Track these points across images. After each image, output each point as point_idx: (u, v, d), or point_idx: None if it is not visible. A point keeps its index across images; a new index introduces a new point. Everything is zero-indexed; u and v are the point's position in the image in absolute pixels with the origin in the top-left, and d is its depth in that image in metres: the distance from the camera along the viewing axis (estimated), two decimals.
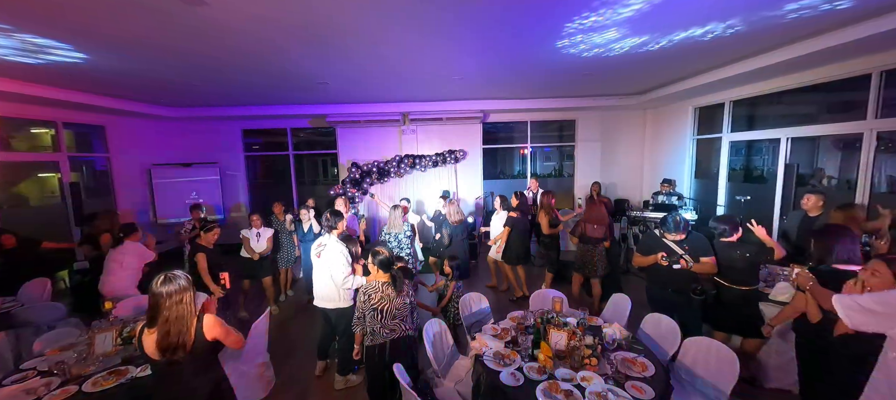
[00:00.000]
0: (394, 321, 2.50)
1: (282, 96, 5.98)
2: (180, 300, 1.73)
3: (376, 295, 2.49)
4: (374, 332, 2.49)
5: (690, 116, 6.51)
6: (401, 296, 2.54)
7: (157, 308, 1.71)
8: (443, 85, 5.42)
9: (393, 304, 2.49)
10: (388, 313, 2.48)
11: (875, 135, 3.90)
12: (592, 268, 4.12)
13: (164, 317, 1.70)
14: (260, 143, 8.19)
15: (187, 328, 1.75)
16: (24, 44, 3.20)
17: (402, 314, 2.54)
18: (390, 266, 2.56)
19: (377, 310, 2.47)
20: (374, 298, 2.48)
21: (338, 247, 3.10)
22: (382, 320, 2.47)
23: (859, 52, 3.74)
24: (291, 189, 7.96)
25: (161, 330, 1.71)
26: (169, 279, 1.75)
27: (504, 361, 2.29)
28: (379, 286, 2.51)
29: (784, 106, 5.18)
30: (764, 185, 5.49)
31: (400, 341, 2.51)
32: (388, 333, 2.48)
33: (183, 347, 1.73)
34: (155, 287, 1.73)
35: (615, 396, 1.92)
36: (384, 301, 2.47)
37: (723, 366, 2.30)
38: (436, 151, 7.22)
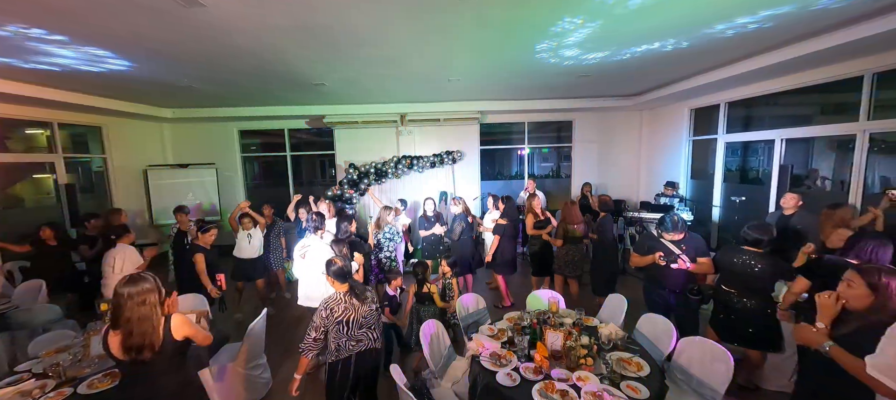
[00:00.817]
0: (361, 330, 2.34)
1: (279, 97, 5.98)
2: (143, 301, 1.70)
3: (339, 307, 2.28)
4: (339, 347, 2.28)
5: (686, 118, 6.55)
6: (366, 303, 2.37)
7: (120, 308, 1.69)
8: (440, 86, 5.44)
9: (358, 313, 2.32)
10: (354, 323, 2.30)
11: (867, 136, 3.95)
12: (575, 268, 4.13)
13: (126, 317, 1.68)
14: (257, 144, 8.19)
15: (153, 329, 1.72)
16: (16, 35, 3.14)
17: (368, 322, 2.37)
18: (347, 276, 2.37)
19: (342, 322, 2.27)
20: (337, 311, 2.27)
21: (323, 248, 3.13)
22: (349, 332, 2.29)
23: (852, 55, 3.79)
24: (289, 190, 7.95)
25: (124, 330, 1.69)
26: (133, 280, 1.74)
27: (500, 361, 2.30)
28: (341, 297, 2.31)
29: (779, 107, 5.23)
30: (759, 186, 5.54)
31: (366, 354, 2.35)
32: (353, 345, 2.30)
33: (149, 347, 1.71)
34: (118, 287, 1.72)
35: (611, 395, 1.94)
36: (349, 311, 2.29)
37: (717, 366, 2.32)
38: (433, 152, 7.23)
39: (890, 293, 1.49)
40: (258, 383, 3.11)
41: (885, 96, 3.84)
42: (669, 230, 3.03)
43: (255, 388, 3.07)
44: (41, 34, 3.04)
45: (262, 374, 3.16)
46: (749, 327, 2.77)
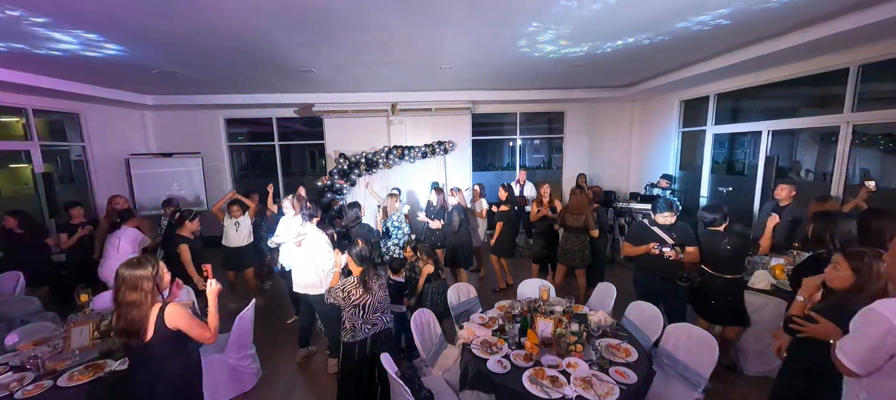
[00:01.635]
0: (375, 315, 2.45)
1: (266, 84, 5.83)
2: (135, 287, 1.70)
3: (357, 291, 2.38)
4: (354, 328, 2.39)
5: (676, 109, 6.61)
6: (381, 289, 2.49)
7: (116, 291, 1.71)
8: (432, 74, 5.36)
9: (375, 297, 2.43)
10: (370, 308, 2.41)
11: (851, 127, 4.02)
12: (573, 258, 4.13)
13: (119, 300, 1.70)
14: (245, 134, 8.01)
15: (141, 316, 1.70)
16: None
17: (383, 307, 2.50)
18: (366, 261, 2.46)
19: (358, 306, 2.38)
20: (354, 295, 2.38)
21: (319, 235, 3.10)
22: (364, 316, 2.39)
23: (838, 47, 3.84)
24: (278, 180, 7.82)
25: (116, 312, 1.71)
26: (132, 264, 1.73)
27: (491, 348, 2.30)
28: (357, 282, 2.40)
29: (766, 100, 5.30)
30: (745, 177, 5.64)
31: (381, 334, 2.47)
32: (369, 329, 2.41)
33: (136, 334, 1.70)
34: (119, 268, 1.73)
35: (599, 380, 1.96)
36: (366, 297, 2.40)
37: (703, 351, 2.36)
38: (425, 142, 7.17)
39: (870, 275, 1.54)
40: (246, 374, 3.07)
41: (869, 89, 3.91)
42: (663, 210, 3.08)
43: (243, 379, 3.04)
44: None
45: (250, 365, 3.12)
46: (721, 304, 2.99)
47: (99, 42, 3.55)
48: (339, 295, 2.40)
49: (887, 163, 4.29)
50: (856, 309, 1.48)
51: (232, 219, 4.48)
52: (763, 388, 2.93)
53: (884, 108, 3.82)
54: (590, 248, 4.16)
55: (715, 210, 3.02)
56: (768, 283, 3.10)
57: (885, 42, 3.59)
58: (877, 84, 3.89)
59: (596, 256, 4.33)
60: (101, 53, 3.88)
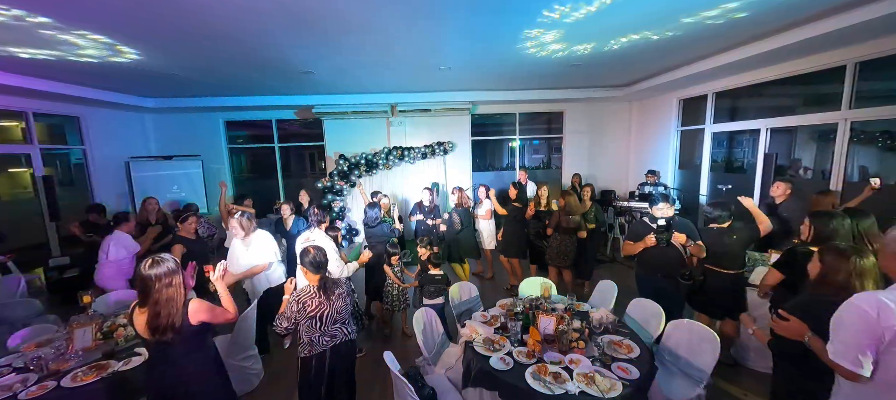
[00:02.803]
0: (335, 326, 2.26)
1: (266, 86, 5.84)
2: (170, 283, 1.79)
3: (313, 301, 2.18)
4: (311, 342, 2.19)
5: (675, 108, 6.63)
6: (339, 299, 2.29)
7: (148, 290, 1.77)
8: (431, 75, 5.38)
9: (332, 307, 2.23)
10: (328, 319, 2.21)
11: (849, 124, 4.05)
12: (563, 258, 4.16)
13: (154, 299, 1.76)
14: (244, 136, 8.02)
15: (177, 310, 1.81)
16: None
17: (342, 317, 2.30)
18: (321, 268, 2.26)
19: (314, 317, 2.18)
20: (310, 306, 2.17)
21: (327, 242, 3.11)
22: (322, 327, 2.20)
23: (835, 44, 3.86)
24: (277, 183, 7.83)
25: (151, 311, 1.77)
26: (157, 262, 1.80)
27: (493, 346, 2.31)
28: (314, 292, 2.22)
29: (764, 99, 5.32)
30: (744, 175, 5.66)
31: (341, 347, 2.28)
32: (328, 341, 2.22)
33: (172, 328, 1.79)
34: (144, 270, 1.77)
35: (602, 376, 1.97)
36: (323, 307, 2.20)
37: (704, 347, 2.37)
38: (424, 143, 7.19)
39: (834, 268, 1.59)
40: (249, 375, 3.07)
41: (867, 86, 3.93)
42: (659, 202, 3.07)
43: (246, 380, 3.04)
44: None
45: (252, 365, 3.13)
46: (722, 299, 2.99)
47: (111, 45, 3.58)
48: (292, 311, 2.17)
49: (885, 160, 4.30)
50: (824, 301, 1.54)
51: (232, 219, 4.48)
52: (765, 383, 2.94)
53: (881, 104, 3.83)
54: (576, 247, 4.19)
55: (721, 207, 3.00)
56: None
57: (881, 39, 3.61)
58: (874, 81, 3.91)
59: (584, 253, 4.38)
60: (106, 60, 3.91)
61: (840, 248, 1.62)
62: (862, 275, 1.51)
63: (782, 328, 1.60)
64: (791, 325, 1.58)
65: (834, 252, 1.60)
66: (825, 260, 1.61)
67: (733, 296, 2.96)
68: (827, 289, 1.58)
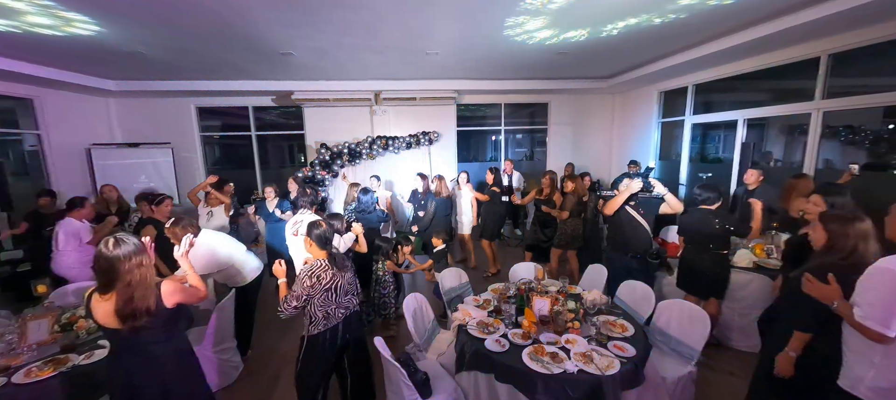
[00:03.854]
0: (346, 297, 2.30)
1: (242, 69, 5.54)
2: (140, 263, 1.63)
3: (326, 274, 2.18)
4: (328, 315, 2.20)
5: (656, 100, 6.77)
6: (348, 270, 2.34)
7: (114, 273, 1.58)
8: (417, 60, 5.24)
9: (345, 279, 2.28)
10: (341, 290, 2.25)
11: (821, 115, 4.21)
12: (571, 240, 4.23)
13: (126, 281, 1.59)
14: (219, 124, 7.63)
15: (151, 292, 1.64)
16: None
17: (352, 288, 2.37)
18: (329, 243, 2.28)
19: (330, 290, 2.20)
20: (325, 279, 2.17)
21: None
22: (336, 299, 2.22)
23: (809, 37, 4.00)
24: (255, 173, 7.50)
25: (122, 296, 1.58)
26: (120, 241, 1.61)
27: (488, 329, 2.25)
28: (326, 265, 2.22)
29: (741, 92, 5.49)
30: (722, 165, 5.84)
31: (352, 317, 2.34)
32: (343, 312, 2.27)
33: (147, 312, 1.61)
34: (107, 251, 1.58)
35: (599, 355, 1.94)
36: (337, 278, 2.22)
37: (694, 325, 2.40)
38: (409, 133, 7.05)
39: (839, 235, 1.65)
40: (228, 367, 2.90)
41: (839, 79, 4.09)
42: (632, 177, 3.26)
43: (225, 372, 2.87)
44: None
45: (231, 357, 2.96)
46: (706, 278, 3.06)
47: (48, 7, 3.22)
48: (304, 287, 2.11)
49: (848, 153, 4.50)
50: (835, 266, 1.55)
51: (206, 207, 4.24)
52: (748, 362, 3.02)
53: (851, 95, 4.00)
54: (582, 231, 4.24)
55: (711, 188, 3.07)
56: (751, 260, 3.21)
57: (852, 32, 3.75)
58: (844, 74, 4.07)
59: (589, 240, 4.42)
60: (59, 30, 3.56)
61: (841, 214, 1.68)
62: (866, 237, 1.59)
63: (816, 289, 1.59)
64: (827, 288, 1.56)
65: (837, 220, 1.67)
66: (830, 228, 1.67)
67: (719, 276, 3.02)
68: (835, 255, 1.63)
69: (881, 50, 3.68)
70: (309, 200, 3.03)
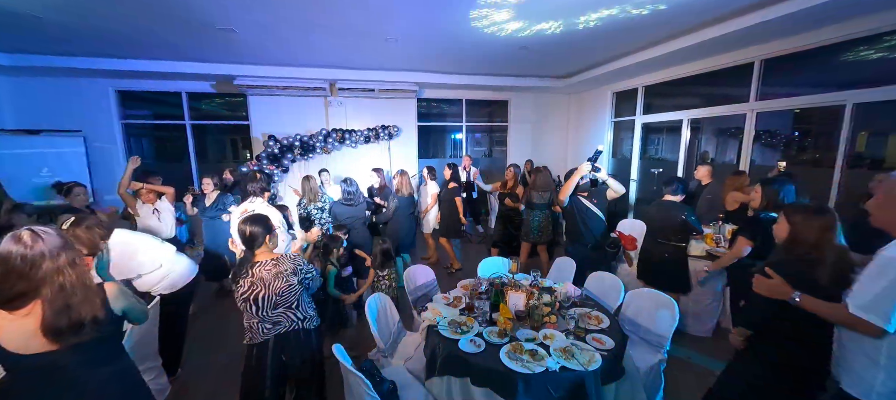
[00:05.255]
0: (276, 311, 1.94)
1: (174, 48, 4.86)
2: (73, 261, 1.21)
3: (244, 281, 1.89)
4: (251, 327, 1.94)
5: (609, 101, 7.06)
6: (280, 277, 1.92)
7: (34, 277, 1.14)
8: (376, 47, 4.93)
9: (270, 289, 1.90)
10: (266, 302, 1.90)
11: (755, 115, 4.59)
12: (539, 234, 4.19)
13: (56, 285, 1.16)
14: (145, 110, 6.69)
15: (95, 294, 1.24)
16: None
17: (286, 300, 1.95)
18: (253, 240, 1.93)
19: (248, 300, 1.88)
20: (243, 287, 1.89)
21: (273, 211, 2.61)
22: (260, 312, 1.90)
23: (745, 43, 4.33)
24: (192, 169, 6.68)
25: (53, 305, 1.16)
26: (39, 235, 1.16)
27: (460, 328, 2.07)
28: (246, 269, 1.92)
29: (682, 97, 5.86)
30: (669, 163, 6.21)
31: (289, 335, 1.97)
32: (270, 328, 1.93)
33: (94, 321, 1.21)
34: (21, 248, 1.13)
35: (579, 349, 1.84)
36: (256, 287, 1.88)
37: (662, 313, 2.41)
38: (367, 126, 6.70)
39: (803, 228, 1.59)
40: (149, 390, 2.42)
41: (768, 87, 4.48)
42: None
43: None
44: None
45: (155, 380, 2.48)
46: (666, 272, 3.14)
47: None
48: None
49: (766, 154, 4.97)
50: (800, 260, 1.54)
51: (147, 205, 3.61)
52: (703, 347, 3.16)
53: (781, 97, 4.40)
54: (552, 224, 4.22)
55: (677, 180, 3.17)
56: (703, 249, 3.36)
57: (782, 40, 4.12)
58: (774, 79, 4.47)
59: (558, 234, 4.43)
60: None
61: (806, 206, 1.66)
62: (831, 228, 1.53)
63: (766, 287, 1.57)
64: (775, 283, 1.53)
65: (801, 211, 1.62)
66: (794, 220, 1.61)
67: (680, 270, 3.11)
68: (799, 247, 1.58)
69: (802, 58, 4.10)
70: (259, 185, 2.63)
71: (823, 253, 1.50)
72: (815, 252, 1.52)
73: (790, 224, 1.64)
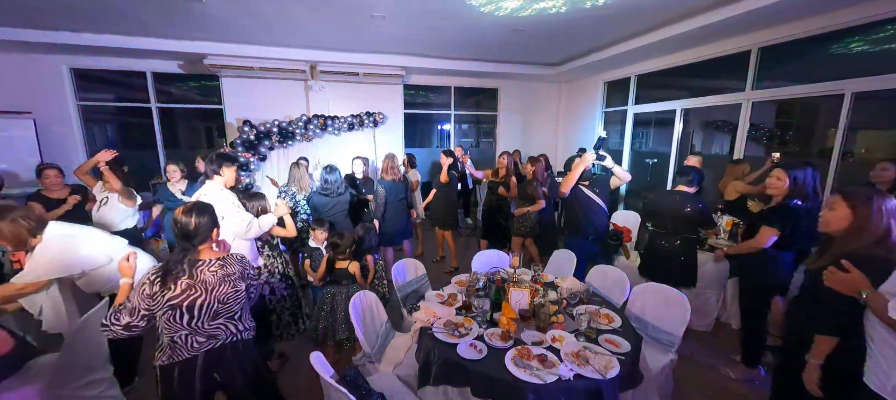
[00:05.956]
0: (215, 322, 1.53)
1: (136, 21, 4.38)
2: None
3: (179, 283, 1.46)
4: (175, 343, 1.47)
5: (600, 90, 6.92)
6: (227, 281, 1.55)
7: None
8: (361, 26, 4.59)
9: (212, 295, 1.50)
10: (204, 311, 1.49)
11: (751, 104, 4.50)
12: (527, 227, 4.00)
13: None
14: (108, 93, 6.12)
15: None
16: None
17: (230, 310, 1.57)
18: (191, 238, 1.52)
19: (178, 308, 1.45)
20: (173, 289, 1.45)
21: (224, 194, 2.28)
22: (194, 323, 1.48)
23: (741, 30, 4.22)
24: (159, 156, 6.18)
25: None
26: None
27: (458, 330, 1.84)
28: (156, 271, 1.50)
29: (674, 89, 5.74)
30: (659, 154, 6.13)
31: (227, 350, 1.57)
32: (202, 342, 1.51)
33: None
34: None
35: (593, 353, 1.64)
36: (192, 292, 1.47)
37: (672, 309, 2.25)
38: (351, 113, 6.34)
39: (869, 213, 1.43)
40: None
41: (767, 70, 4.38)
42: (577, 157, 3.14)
43: None
44: None
45: (105, 392, 2.16)
46: (673, 266, 2.94)
47: None
48: (144, 293, 1.42)
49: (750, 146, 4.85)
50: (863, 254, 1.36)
51: (104, 191, 3.25)
52: (705, 342, 3.04)
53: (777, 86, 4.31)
54: (538, 218, 4.03)
55: (693, 170, 2.95)
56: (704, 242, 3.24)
57: (781, 26, 4.02)
58: (771, 68, 4.38)
59: (546, 227, 4.24)
60: None
61: (866, 190, 1.47)
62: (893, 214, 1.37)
63: (839, 281, 1.37)
64: (853, 277, 1.34)
65: (862, 196, 1.44)
66: (859, 208, 1.43)
67: (689, 264, 2.93)
68: (861, 239, 1.41)
69: (800, 47, 4.01)
70: (213, 168, 2.28)
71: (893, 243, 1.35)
72: (879, 248, 1.35)
73: (853, 211, 1.46)
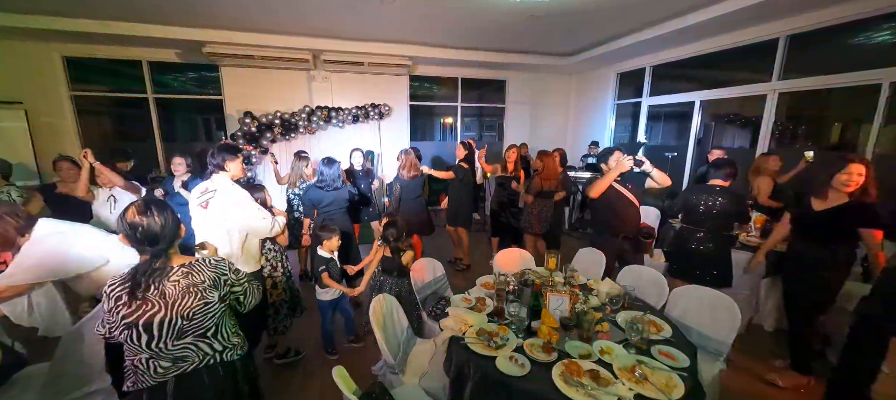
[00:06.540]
0: (180, 342, 1.25)
1: (131, 7, 4.15)
2: None
3: (134, 300, 1.20)
4: (136, 368, 1.25)
5: (613, 82, 6.71)
6: (192, 292, 1.25)
7: None
8: (367, 10, 4.35)
9: (174, 310, 1.22)
10: (168, 329, 1.22)
11: (777, 95, 4.30)
12: (543, 225, 3.79)
13: None
14: (102, 84, 5.87)
15: None
16: None
17: (200, 326, 1.27)
18: (156, 241, 1.24)
19: (133, 327, 1.20)
20: (127, 306, 1.19)
21: (236, 189, 2.09)
22: (155, 345, 1.22)
23: (769, 17, 4.01)
24: (156, 149, 5.96)
25: None
26: None
27: (493, 341, 1.66)
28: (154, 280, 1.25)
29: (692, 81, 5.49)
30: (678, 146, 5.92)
31: (201, 373, 1.29)
32: (168, 368, 1.24)
33: None
34: None
35: (651, 369, 1.46)
36: (152, 306, 1.20)
37: (719, 314, 2.07)
38: (356, 105, 6.12)
39: None
40: None
41: (796, 58, 4.17)
42: (607, 159, 2.89)
43: None
44: None
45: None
46: (706, 265, 2.76)
47: None
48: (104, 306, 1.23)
49: None
50: None
51: (103, 189, 3.05)
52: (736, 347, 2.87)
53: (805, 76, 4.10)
54: (552, 214, 3.84)
55: (728, 164, 2.75)
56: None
57: (811, 12, 3.81)
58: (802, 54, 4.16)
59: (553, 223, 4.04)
60: None
61: None
62: None
63: None
64: None
65: None
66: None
67: (727, 259, 2.77)
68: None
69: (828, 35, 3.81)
70: (216, 162, 2.08)
71: None
72: None
73: None
